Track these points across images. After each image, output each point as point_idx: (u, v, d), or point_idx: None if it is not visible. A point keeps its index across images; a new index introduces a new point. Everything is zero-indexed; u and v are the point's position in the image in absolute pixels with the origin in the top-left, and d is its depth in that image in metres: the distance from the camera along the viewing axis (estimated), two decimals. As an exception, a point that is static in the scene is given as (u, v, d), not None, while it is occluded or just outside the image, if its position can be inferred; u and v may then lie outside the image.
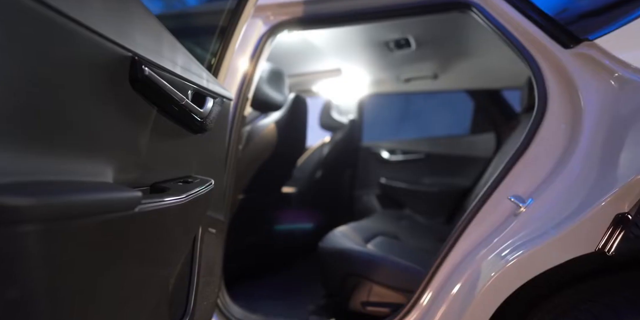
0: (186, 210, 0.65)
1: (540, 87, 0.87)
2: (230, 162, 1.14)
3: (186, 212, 0.65)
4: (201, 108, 0.77)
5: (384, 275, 1.15)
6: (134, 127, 0.55)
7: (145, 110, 0.58)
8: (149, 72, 0.52)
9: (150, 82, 0.54)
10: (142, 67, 0.51)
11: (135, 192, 0.44)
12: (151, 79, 0.53)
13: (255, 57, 1.19)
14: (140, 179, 0.58)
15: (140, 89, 0.54)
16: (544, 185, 0.82)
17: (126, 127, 0.53)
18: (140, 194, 0.45)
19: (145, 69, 0.51)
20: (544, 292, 0.77)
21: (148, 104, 0.59)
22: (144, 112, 0.58)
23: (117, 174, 0.49)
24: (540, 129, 0.86)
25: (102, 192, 0.43)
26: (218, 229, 0.95)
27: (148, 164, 0.60)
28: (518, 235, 0.79)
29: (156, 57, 0.57)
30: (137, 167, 0.56)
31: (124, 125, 0.52)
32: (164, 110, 0.65)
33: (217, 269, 0.94)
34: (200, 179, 0.80)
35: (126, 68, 0.50)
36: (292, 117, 1.56)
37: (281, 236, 1.86)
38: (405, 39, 1.70)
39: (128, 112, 0.53)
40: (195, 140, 0.82)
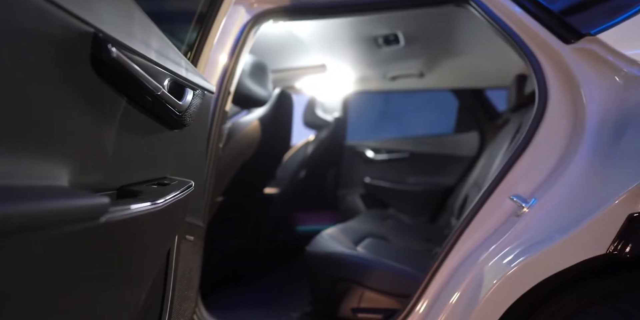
0: (162, 218, 0.56)
1: (541, 83, 0.84)
2: (210, 162, 1.05)
3: (162, 219, 0.56)
4: (179, 100, 0.68)
5: (376, 279, 1.09)
6: (98, 120, 0.46)
7: (111, 100, 0.49)
8: (117, 54, 0.43)
9: (118, 66, 0.45)
10: (109, 47, 0.42)
11: (100, 198, 0.36)
12: (119, 63, 0.45)
13: (238, 48, 1.10)
14: (104, 181, 0.48)
15: (106, 73, 0.45)
16: (546, 185, 0.79)
17: (87, 119, 0.44)
18: (108, 200, 0.36)
19: (112, 49, 0.42)
20: (547, 293, 0.74)
21: (116, 93, 0.49)
22: (111, 102, 0.49)
23: (75, 176, 0.40)
24: (541, 126, 0.83)
25: (57, 199, 0.34)
26: (196, 236, 0.86)
27: (115, 163, 0.51)
28: (521, 237, 0.75)
29: (126, 38, 0.48)
30: (100, 168, 0.47)
31: (85, 116, 0.43)
32: (135, 101, 0.56)
33: (195, 281, 0.85)
34: (178, 180, 0.70)
35: (88, 47, 0.41)
36: (277, 113, 1.48)
37: (264, 240, 1.77)
38: (394, 35, 1.65)
39: (90, 101, 0.44)
40: (172, 137, 0.72)
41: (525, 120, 1.34)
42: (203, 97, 0.81)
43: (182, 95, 0.69)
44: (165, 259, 0.71)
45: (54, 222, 0.32)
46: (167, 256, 0.72)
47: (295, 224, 2.10)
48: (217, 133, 1.09)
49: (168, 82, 0.65)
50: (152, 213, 0.51)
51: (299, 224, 2.12)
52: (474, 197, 1.56)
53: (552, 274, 0.66)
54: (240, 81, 1.33)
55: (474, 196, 1.55)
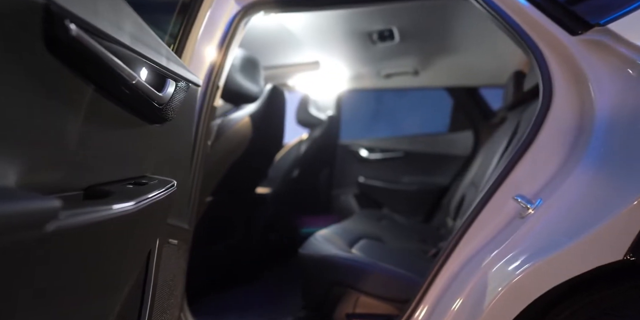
0: (136, 221, 0.50)
1: (545, 77, 0.79)
2: (197, 160, 0.99)
3: (136, 222, 0.50)
4: (159, 92, 0.62)
5: (372, 283, 1.04)
6: (56, 109, 0.40)
7: (75, 87, 0.43)
8: (78, 33, 0.37)
9: (80, 48, 0.39)
10: (66, 23, 0.36)
11: (49, 201, 0.30)
12: (81, 44, 0.39)
13: (227, 40, 1.04)
14: (66, 180, 0.42)
15: (65, 55, 0.39)
16: (553, 185, 0.75)
17: (41, 107, 0.38)
18: (59, 203, 0.30)
19: (70, 26, 0.36)
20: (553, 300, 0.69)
21: (80, 80, 0.43)
22: (73, 90, 0.43)
23: (25, 175, 0.34)
24: (546, 122, 0.79)
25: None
26: (181, 239, 0.80)
27: (81, 160, 0.45)
28: (527, 241, 0.70)
29: (91, 16, 0.42)
30: (61, 165, 0.41)
31: (37, 104, 0.37)
32: (106, 91, 0.50)
33: (179, 288, 0.79)
34: (158, 179, 0.64)
35: (41, 23, 0.35)
36: (268, 110, 1.42)
37: (255, 241, 1.71)
38: (389, 31, 1.60)
39: (45, 87, 0.38)
40: (152, 132, 0.66)
41: (524, 118, 1.31)
42: (187, 90, 0.75)
43: (163, 86, 0.64)
44: (145, 265, 0.65)
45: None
46: (146, 262, 0.66)
47: (288, 225, 2.04)
48: (205, 129, 1.03)
49: (146, 71, 0.59)
50: (123, 216, 0.45)
51: (293, 226, 2.07)
52: (471, 197, 1.52)
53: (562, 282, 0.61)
54: (230, 76, 1.27)
55: (471, 196, 1.52)
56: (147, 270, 0.65)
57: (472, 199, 1.48)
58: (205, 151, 1.05)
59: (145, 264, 0.66)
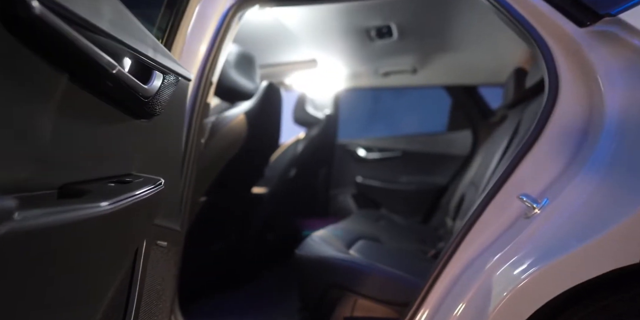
0: (116, 221, 0.46)
1: (551, 72, 0.76)
2: (189, 158, 0.95)
3: (117, 223, 0.47)
4: (145, 84, 0.58)
5: (370, 286, 1.01)
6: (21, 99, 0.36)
7: (45, 75, 0.39)
8: (42, 11, 0.33)
9: (46, 28, 0.35)
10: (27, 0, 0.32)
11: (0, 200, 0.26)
12: (47, 23, 0.35)
13: (220, 34, 1.01)
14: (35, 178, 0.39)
15: (28, 37, 0.35)
16: (559, 184, 0.71)
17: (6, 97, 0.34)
18: (14, 203, 0.27)
19: (32, 3, 0.32)
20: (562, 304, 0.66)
21: (51, 67, 0.40)
22: (43, 78, 0.39)
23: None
24: (552, 119, 0.75)
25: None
26: (171, 241, 0.77)
27: (55, 156, 0.41)
28: (533, 242, 0.67)
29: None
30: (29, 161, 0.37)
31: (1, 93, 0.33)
32: (83, 80, 0.46)
33: (169, 292, 0.75)
34: (144, 178, 0.61)
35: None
36: (264, 107, 1.38)
37: (251, 242, 1.67)
38: (387, 27, 1.57)
39: (8, 74, 0.34)
40: (138, 127, 0.63)
41: (525, 116, 1.28)
42: (177, 84, 0.71)
43: (149, 79, 0.60)
44: (130, 268, 0.61)
45: None
46: (132, 265, 0.62)
47: (285, 225, 2.00)
48: (198, 127, 0.99)
49: (129, 61, 0.55)
50: (100, 216, 0.41)
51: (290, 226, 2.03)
52: (471, 196, 1.49)
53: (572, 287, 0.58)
54: (225, 72, 1.23)
55: (471, 196, 1.49)
56: (132, 274, 0.61)
57: (472, 198, 1.45)
58: (199, 149, 1.02)
59: (131, 267, 0.62)
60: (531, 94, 1.31)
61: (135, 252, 0.63)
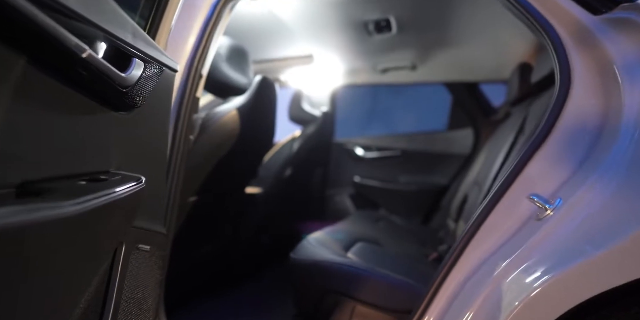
0: (85, 223, 0.40)
1: (563, 64, 0.71)
2: (177, 156, 0.89)
3: (85, 225, 0.41)
4: (122, 72, 0.52)
5: (369, 292, 0.95)
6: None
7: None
8: None
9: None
10: None
11: None
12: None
13: (210, 25, 0.95)
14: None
15: None
16: (573, 183, 0.66)
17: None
18: None
19: None
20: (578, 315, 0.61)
21: (2, 46, 0.34)
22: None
23: None
24: (564, 113, 0.70)
25: None
26: (155, 245, 0.71)
27: (12, 150, 0.36)
28: (547, 247, 0.62)
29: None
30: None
31: None
32: (47, 65, 0.40)
33: (152, 299, 0.69)
34: (122, 175, 0.55)
35: None
36: (258, 103, 1.32)
37: (244, 244, 1.62)
38: (386, 20, 1.52)
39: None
40: (116, 120, 0.57)
41: (531, 112, 1.23)
42: (161, 74, 0.66)
43: (127, 66, 0.54)
44: (106, 276, 0.55)
45: None
46: (109, 271, 0.56)
47: (280, 226, 1.95)
48: (186, 122, 0.93)
49: (104, 46, 0.50)
50: (62, 218, 0.35)
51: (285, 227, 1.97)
52: (474, 197, 1.44)
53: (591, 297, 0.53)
54: (216, 66, 1.18)
55: (474, 196, 1.44)
56: (109, 281, 0.55)
57: (475, 199, 1.40)
58: (187, 146, 0.96)
59: (107, 273, 0.56)
60: (537, 90, 1.26)
61: (112, 257, 0.57)
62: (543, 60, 1.17)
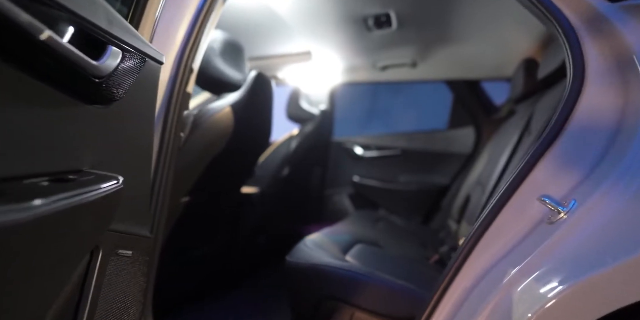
0: (42, 228, 0.36)
1: (576, 57, 0.66)
2: (165, 154, 0.84)
3: (43, 230, 0.36)
4: (95, 60, 0.47)
5: (369, 298, 0.90)
6: None
7: None
8: None
9: None
10: None
11: None
12: None
13: (202, 16, 0.90)
14: None
15: None
16: (588, 185, 0.62)
17: None
18: None
19: None
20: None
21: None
22: None
23: None
24: (577, 109, 0.66)
25: None
26: (139, 250, 0.66)
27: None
28: (561, 253, 0.57)
29: None
30: None
31: None
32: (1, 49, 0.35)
33: (134, 308, 0.64)
34: (96, 175, 0.50)
35: None
36: (253, 99, 1.27)
37: (240, 245, 1.57)
38: (386, 15, 1.47)
39: None
40: (91, 114, 0.52)
41: (537, 109, 1.18)
42: (143, 65, 0.61)
43: (102, 54, 0.49)
44: (79, 285, 0.51)
45: None
46: (82, 281, 0.51)
47: (277, 228, 1.90)
48: (176, 118, 0.88)
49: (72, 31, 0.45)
50: (11, 222, 0.31)
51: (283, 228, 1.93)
52: (477, 197, 1.40)
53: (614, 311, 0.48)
54: (209, 60, 1.13)
55: (477, 196, 1.39)
56: (82, 290, 0.50)
57: (478, 199, 1.36)
58: (177, 144, 0.91)
59: (81, 282, 0.51)
60: (543, 86, 1.21)
61: (88, 264, 0.52)
62: (550, 55, 1.12)
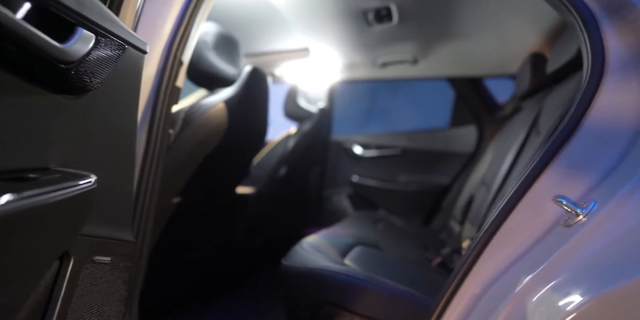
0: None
1: (595, 47, 0.61)
2: (153, 152, 0.79)
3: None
4: (60, 42, 0.42)
5: (369, 304, 0.85)
6: None
7: None
8: None
9: None
10: None
11: None
12: None
13: (192, 4, 0.85)
14: None
15: None
16: (609, 185, 0.56)
17: None
18: None
19: None
20: None
21: None
22: None
23: None
24: (593, 108, 0.61)
25: None
26: (120, 256, 0.60)
27: None
28: (580, 261, 0.52)
29: None
30: None
31: None
32: None
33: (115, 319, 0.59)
34: (63, 174, 0.45)
35: None
36: (248, 95, 1.22)
37: (235, 247, 1.51)
38: (387, 9, 1.42)
39: None
40: (58, 105, 0.46)
41: (546, 105, 1.13)
42: (122, 53, 0.55)
43: (69, 35, 0.44)
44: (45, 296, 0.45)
45: None
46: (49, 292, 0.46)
47: (274, 229, 1.85)
48: (164, 114, 0.83)
49: (31, 8, 0.39)
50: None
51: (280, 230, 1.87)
52: (482, 197, 1.35)
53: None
54: (202, 54, 1.07)
55: (482, 197, 1.34)
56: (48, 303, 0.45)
57: (482, 200, 1.30)
58: (166, 141, 0.85)
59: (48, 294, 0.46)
60: (552, 81, 1.16)
61: (57, 272, 0.47)
62: (560, 48, 1.07)
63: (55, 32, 0.42)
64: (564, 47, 1.04)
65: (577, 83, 0.92)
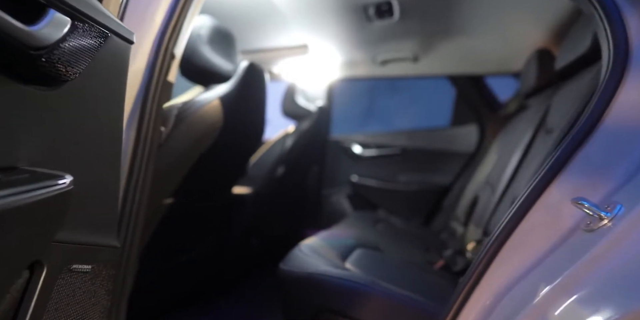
0: None
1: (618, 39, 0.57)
2: (142, 151, 0.74)
3: None
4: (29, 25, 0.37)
5: (371, 311, 0.81)
6: None
7: None
8: None
9: None
10: None
11: None
12: None
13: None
14: None
15: None
16: (634, 188, 0.52)
17: None
18: None
19: None
20: None
21: None
22: None
23: None
24: (614, 105, 0.56)
25: None
26: (102, 263, 0.55)
27: None
28: (606, 270, 0.48)
29: None
30: None
31: None
32: None
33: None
34: (33, 173, 0.40)
35: None
36: (244, 92, 1.17)
37: (232, 249, 1.47)
38: (388, 4, 1.37)
39: None
40: (29, 98, 0.41)
41: (555, 103, 1.09)
42: (104, 41, 0.50)
43: (39, 17, 0.39)
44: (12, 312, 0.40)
45: None
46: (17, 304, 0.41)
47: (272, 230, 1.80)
48: (155, 110, 0.78)
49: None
50: None
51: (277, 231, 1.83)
52: (486, 198, 1.30)
53: None
54: (195, 48, 1.02)
55: (486, 198, 1.30)
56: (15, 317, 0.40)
57: (487, 201, 1.26)
58: (157, 139, 0.80)
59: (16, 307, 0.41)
60: (560, 78, 1.12)
61: (25, 284, 0.42)
62: (570, 44, 1.03)
63: (27, 15, 0.38)
64: (574, 42, 1.00)
65: (590, 79, 0.88)
